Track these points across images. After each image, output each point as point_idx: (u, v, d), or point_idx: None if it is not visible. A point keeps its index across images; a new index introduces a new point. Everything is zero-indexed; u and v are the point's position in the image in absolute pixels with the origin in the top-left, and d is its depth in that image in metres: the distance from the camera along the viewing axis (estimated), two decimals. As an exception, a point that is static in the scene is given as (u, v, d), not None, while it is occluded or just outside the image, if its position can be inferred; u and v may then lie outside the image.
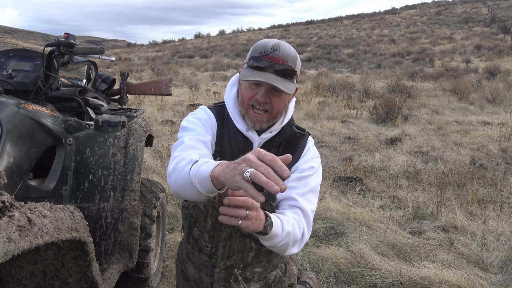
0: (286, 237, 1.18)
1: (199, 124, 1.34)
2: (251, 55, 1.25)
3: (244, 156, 0.92)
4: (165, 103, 9.60)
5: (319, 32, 38.82)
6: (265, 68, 1.21)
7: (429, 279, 2.45)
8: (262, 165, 0.88)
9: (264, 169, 0.87)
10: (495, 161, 5.08)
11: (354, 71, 18.67)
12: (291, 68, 1.23)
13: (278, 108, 1.28)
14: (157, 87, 2.83)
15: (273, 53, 1.22)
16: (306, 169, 1.35)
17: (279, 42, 1.25)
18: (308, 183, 1.34)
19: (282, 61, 1.22)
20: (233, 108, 1.35)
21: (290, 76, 1.24)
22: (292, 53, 1.25)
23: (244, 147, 1.34)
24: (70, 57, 1.90)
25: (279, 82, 1.21)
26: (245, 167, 0.89)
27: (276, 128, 1.34)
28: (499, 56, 19.56)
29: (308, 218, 1.31)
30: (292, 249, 1.26)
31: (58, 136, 1.71)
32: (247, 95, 1.28)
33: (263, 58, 1.22)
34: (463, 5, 47.02)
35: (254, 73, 1.22)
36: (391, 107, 7.99)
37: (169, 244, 2.94)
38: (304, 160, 1.37)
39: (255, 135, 1.33)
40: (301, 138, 1.40)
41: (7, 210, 0.80)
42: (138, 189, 1.81)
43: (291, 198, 1.31)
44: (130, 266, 1.73)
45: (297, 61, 1.26)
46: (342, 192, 4.13)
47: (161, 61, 23.99)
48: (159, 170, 4.60)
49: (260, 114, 1.28)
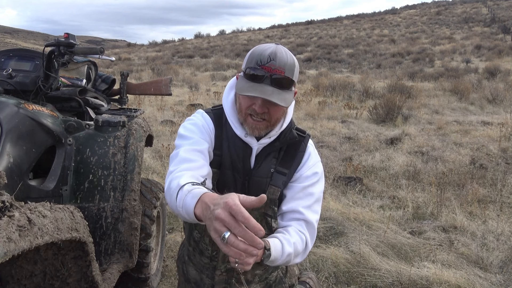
0: (286, 257, 1.19)
1: (195, 131, 1.32)
2: (247, 65, 1.23)
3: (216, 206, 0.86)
4: (165, 103, 9.60)
5: (319, 32, 38.82)
6: (262, 79, 1.19)
7: (429, 279, 2.45)
8: (237, 226, 0.82)
9: (239, 231, 0.82)
10: (495, 161, 5.08)
11: (354, 71, 18.67)
12: (288, 78, 1.20)
13: (276, 116, 1.27)
14: (157, 87, 2.83)
15: (270, 63, 1.18)
16: (310, 176, 1.34)
17: (276, 49, 1.21)
18: (313, 192, 1.33)
19: (279, 72, 1.18)
20: (231, 113, 1.33)
21: (286, 86, 1.21)
22: (290, 60, 1.21)
23: (243, 152, 1.33)
24: (70, 57, 1.90)
25: (276, 95, 1.18)
26: (220, 227, 0.84)
27: (275, 133, 1.32)
28: (499, 56, 19.55)
29: (312, 229, 1.32)
30: (295, 260, 1.27)
31: (58, 136, 1.71)
32: (244, 105, 1.26)
33: (260, 69, 1.19)
34: (463, 5, 47.02)
35: (250, 86, 1.19)
36: (391, 107, 7.99)
37: (169, 244, 2.93)
38: (307, 166, 1.36)
39: (253, 140, 1.32)
40: (302, 141, 1.38)
41: (7, 210, 0.80)
42: (138, 189, 1.81)
43: (297, 211, 1.31)
44: (130, 266, 1.73)
45: (295, 68, 1.23)
46: (342, 192, 4.13)
47: (161, 61, 23.99)
48: (159, 170, 4.60)
49: (258, 122, 1.26)
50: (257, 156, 1.34)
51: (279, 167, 1.34)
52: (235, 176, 1.34)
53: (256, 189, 1.34)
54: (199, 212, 0.95)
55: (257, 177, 1.34)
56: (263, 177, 1.34)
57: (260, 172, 1.34)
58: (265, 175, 1.34)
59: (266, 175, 1.34)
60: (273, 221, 1.34)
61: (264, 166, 1.34)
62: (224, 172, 1.34)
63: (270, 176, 1.34)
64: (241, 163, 1.33)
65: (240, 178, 1.34)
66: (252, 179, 1.34)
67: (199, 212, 0.94)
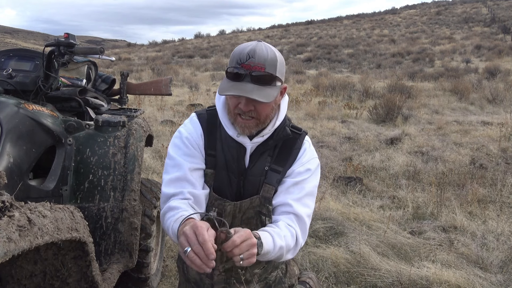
0: (278, 251, 1.20)
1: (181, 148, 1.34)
2: (229, 65, 1.24)
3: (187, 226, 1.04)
4: (165, 103, 9.59)
5: (319, 32, 38.81)
6: (242, 78, 1.19)
7: (429, 279, 2.45)
8: (195, 244, 0.99)
9: (196, 248, 0.99)
10: (495, 161, 5.08)
11: (354, 71, 18.66)
12: (269, 74, 1.19)
13: (265, 113, 1.27)
14: (157, 87, 2.83)
15: (249, 61, 1.18)
16: (302, 172, 1.34)
17: (255, 46, 1.21)
18: (304, 187, 1.33)
19: (258, 68, 1.18)
20: (222, 114, 1.34)
21: (268, 82, 1.21)
22: (270, 56, 1.20)
23: (237, 152, 1.33)
24: (70, 57, 1.90)
25: (256, 92, 1.18)
26: (184, 242, 1.01)
27: (268, 131, 1.32)
28: (499, 56, 19.55)
29: (303, 223, 1.31)
30: (286, 256, 1.28)
31: (58, 136, 1.71)
32: (232, 105, 1.27)
33: (239, 67, 1.19)
34: (463, 5, 47.00)
35: (231, 85, 1.20)
36: (391, 107, 7.99)
37: (169, 244, 2.94)
38: (300, 162, 1.36)
39: (246, 140, 1.32)
40: (297, 138, 1.38)
41: (7, 210, 0.80)
42: (138, 189, 1.81)
43: (286, 204, 1.31)
44: (130, 266, 1.74)
45: (277, 63, 1.21)
46: (342, 192, 4.13)
47: (161, 61, 23.99)
48: (159, 170, 4.60)
49: (247, 120, 1.26)
50: (251, 156, 1.35)
51: (273, 165, 1.35)
52: (230, 176, 1.35)
53: (250, 188, 1.35)
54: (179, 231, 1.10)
55: (252, 176, 1.35)
56: (258, 175, 1.34)
57: (255, 171, 1.34)
58: (260, 174, 1.34)
59: (260, 173, 1.34)
60: (267, 220, 1.34)
61: (259, 165, 1.35)
62: (219, 173, 1.35)
63: (265, 174, 1.34)
64: (235, 163, 1.34)
65: (235, 178, 1.35)
66: (247, 178, 1.35)
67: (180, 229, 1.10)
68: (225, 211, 1.34)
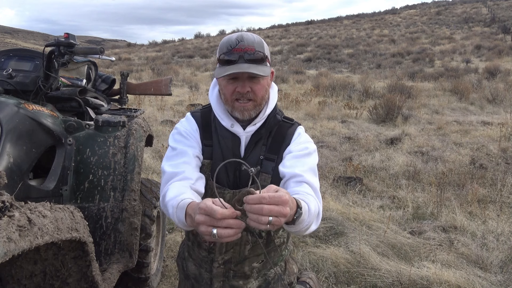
0: (309, 218, 1.13)
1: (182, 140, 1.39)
2: (220, 53, 1.30)
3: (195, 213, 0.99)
4: (165, 103, 9.59)
5: (319, 32, 38.80)
6: (236, 61, 1.26)
7: (429, 279, 2.45)
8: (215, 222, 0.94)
9: (221, 224, 0.94)
10: (495, 161, 5.08)
11: (354, 71, 18.66)
12: (260, 52, 1.27)
13: (261, 94, 1.32)
14: (157, 87, 2.83)
15: (239, 45, 1.27)
16: (300, 150, 1.35)
17: (241, 33, 1.30)
18: (306, 162, 1.33)
19: (250, 49, 1.26)
20: (216, 106, 1.40)
21: (261, 61, 1.28)
22: (257, 39, 1.29)
23: (232, 143, 1.38)
24: (70, 57, 1.90)
25: (253, 68, 1.25)
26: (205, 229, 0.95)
27: (260, 119, 1.37)
28: (499, 56, 19.55)
29: (317, 192, 1.29)
30: (311, 229, 1.21)
31: (58, 136, 1.71)
32: (228, 91, 1.32)
33: (232, 52, 1.26)
34: (463, 5, 47.00)
35: (227, 68, 1.26)
36: (391, 107, 7.99)
37: (169, 244, 2.94)
38: (297, 142, 1.38)
39: (240, 129, 1.37)
40: (289, 127, 1.42)
41: (7, 210, 0.80)
42: (138, 189, 1.81)
43: (296, 175, 1.28)
44: (130, 266, 1.74)
45: (264, 45, 1.31)
46: (342, 192, 4.13)
47: (161, 61, 23.98)
48: (159, 170, 4.59)
49: (245, 103, 1.32)
50: (246, 146, 1.39)
51: (268, 154, 1.38)
52: (226, 166, 1.37)
53: (247, 179, 1.36)
54: (189, 223, 1.09)
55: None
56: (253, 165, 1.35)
57: (250, 161, 1.37)
58: (255, 164, 1.37)
59: (256, 163, 1.37)
60: None
61: (254, 155, 1.38)
62: (216, 164, 1.38)
63: (260, 163, 1.37)
64: (231, 154, 1.37)
65: (232, 168, 1.38)
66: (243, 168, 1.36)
67: (189, 222, 1.09)
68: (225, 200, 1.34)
